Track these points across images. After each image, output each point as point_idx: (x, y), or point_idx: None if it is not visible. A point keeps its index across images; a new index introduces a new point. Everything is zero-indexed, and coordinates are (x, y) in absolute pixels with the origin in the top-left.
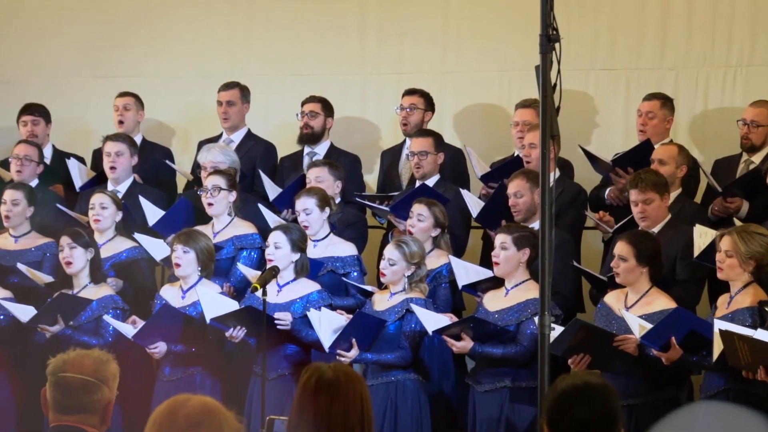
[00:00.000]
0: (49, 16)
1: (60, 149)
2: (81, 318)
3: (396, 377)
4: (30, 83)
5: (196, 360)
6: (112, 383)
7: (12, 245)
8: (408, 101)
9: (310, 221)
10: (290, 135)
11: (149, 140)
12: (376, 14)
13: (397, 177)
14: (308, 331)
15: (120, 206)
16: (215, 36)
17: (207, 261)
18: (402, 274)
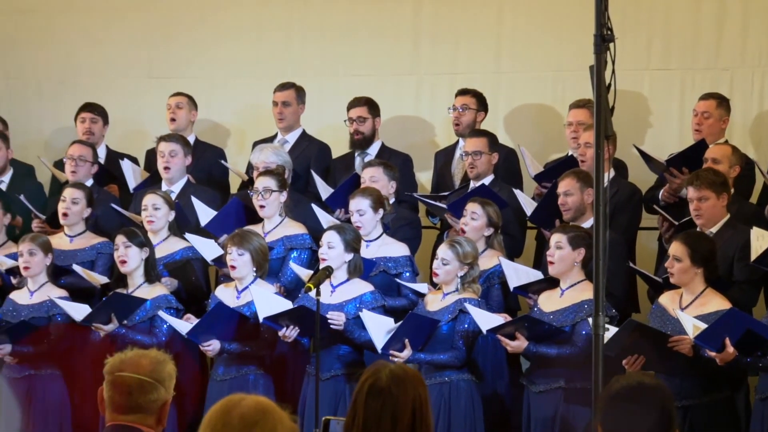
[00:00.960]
0: (105, 17)
1: (114, 150)
2: (135, 317)
3: (449, 377)
4: (85, 84)
5: (250, 359)
6: (169, 383)
7: (67, 245)
8: (460, 101)
9: (363, 222)
10: (344, 135)
11: (202, 140)
12: (430, 15)
13: (450, 177)
14: (361, 332)
15: (172, 206)
16: (270, 36)
17: (261, 261)
18: (455, 274)
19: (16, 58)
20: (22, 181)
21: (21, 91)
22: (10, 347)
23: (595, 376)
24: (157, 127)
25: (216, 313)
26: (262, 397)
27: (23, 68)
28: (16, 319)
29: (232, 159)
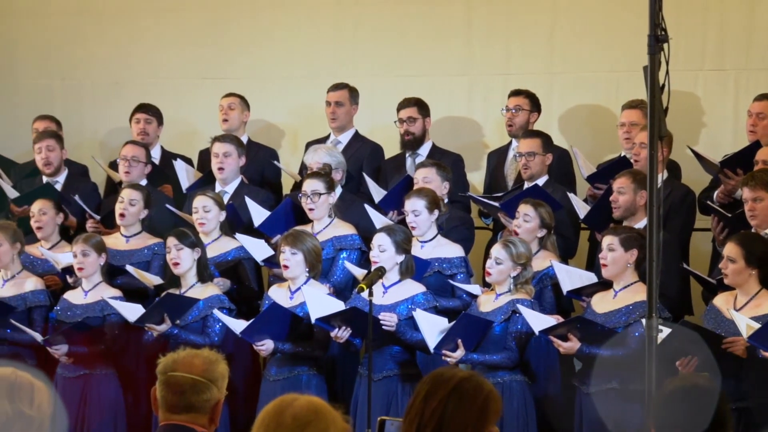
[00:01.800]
0: (158, 17)
1: (168, 150)
2: (188, 317)
3: (502, 378)
4: (139, 85)
5: (303, 360)
6: (221, 383)
7: (123, 245)
8: (513, 102)
9: (418, 222)
10: (396, 136)
11: (255, 141)
12: (483, 15)
13: (503, 178)
14: (413, 333)
15: (223, 207)
16: (322, 37)
17: (314, 262)
18: (507, 274)
19: (70, 59)
20: (76, 181)
21: (75, 91)
22: (66, 347)
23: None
24: (209, 128)
25: (270, 313)
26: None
27: (77, 69)
28: (70, 318)
29: (285, 159)
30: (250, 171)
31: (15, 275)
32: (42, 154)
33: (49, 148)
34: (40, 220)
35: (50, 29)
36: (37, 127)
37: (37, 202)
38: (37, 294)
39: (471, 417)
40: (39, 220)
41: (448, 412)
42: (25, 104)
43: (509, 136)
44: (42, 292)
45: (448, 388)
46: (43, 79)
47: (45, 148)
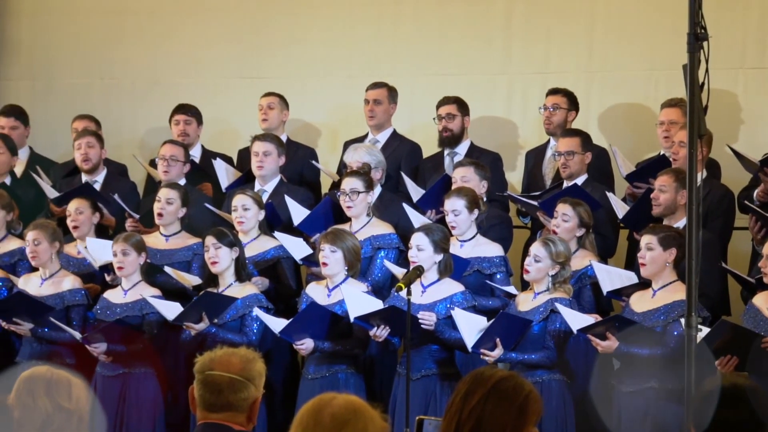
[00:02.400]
0: (197, 17)
1: (207, 149)
2: (226, 316)
3: (541, 377)
4: (179, 84)
5: (341, 359)
6: (259, 381)
7: (162, 244)
8: (551, 101)
9: (458, 222)
10: (434, 135)
11: (294, 140)
12: (522, 13)
13: (540, 177)
14: (451, 332)
15: (262, 206)
16: (361, 36)
17: (353, 260)
18: (546, 272)
19: (110, 58)
20: (115, 180)
21: (114, 91)
22: (105, 345)
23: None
24: (248, 127)
25: (309, 311)
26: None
27: (116, 68)
28: (109, 317)
29: (324, 158)
30: (289, 170)
31: (53, 274)
32: (81, 150)
33: (89, 145)
34: (76, 219)
35: (89, 28)
36: (76, 126)
37: (74, 201)
38: (75, 293)
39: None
40: (75, 219)
41: (486, 411)
42: (63, 104)
43: (547, 135)
44: (80, 291)
45: (486, 387)
46: (81, 78)
47: (85, 145)
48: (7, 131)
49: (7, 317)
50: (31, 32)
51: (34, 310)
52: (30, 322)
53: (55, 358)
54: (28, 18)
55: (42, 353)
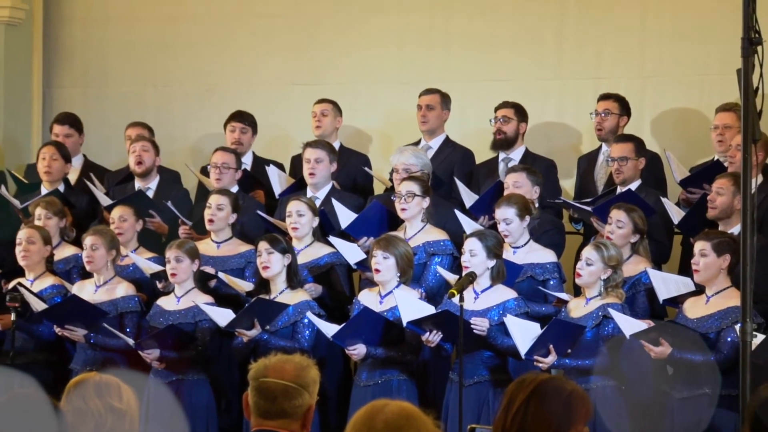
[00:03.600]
0: (250, 24)
1: (260, 156)
2: (278, 323)
3: (595, 384)
4: (230, 91)
5: (394, 365)
6: (313, 388)
7: (214, 251)
8: (603, 106)
9: (510, 231)
10: (486, 141)
11: (347, 146)
12: (575, 18)
13: (592, 182)
14: (504, 339)
15: (316, 212)
16: (413, 42)
17: (406, 267)
18: (598, 276)
19: (163, 65)
20: (168, 187)
21: (167, 98)
22: (158, 352)
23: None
24: (301, 133)
25: (362, 317)
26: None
27: (170, 76)
28: (162, 324)
29: (377, 165)
30: (342, 177)
31: (107, 281)
32: (136, 153)
33: (144, 149)
34: (120, 227)
35: (142, 36)
36: (129, 134)
37: (117, 208)
38: (128, 299)
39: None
40: (119, 227)
41: (528, 415)
42: (117, 112)
43: (599, 140)
44: (133, 298)
45: (527, 392)
46: (135, 86)
47: (140, 148)
48: (61, 139)
49: (62, 323)
50: (84, 40)
51: (89, 315)
52: (84, 328)
53: (108, 364)
54: (81, 25)
55: (96, 360)
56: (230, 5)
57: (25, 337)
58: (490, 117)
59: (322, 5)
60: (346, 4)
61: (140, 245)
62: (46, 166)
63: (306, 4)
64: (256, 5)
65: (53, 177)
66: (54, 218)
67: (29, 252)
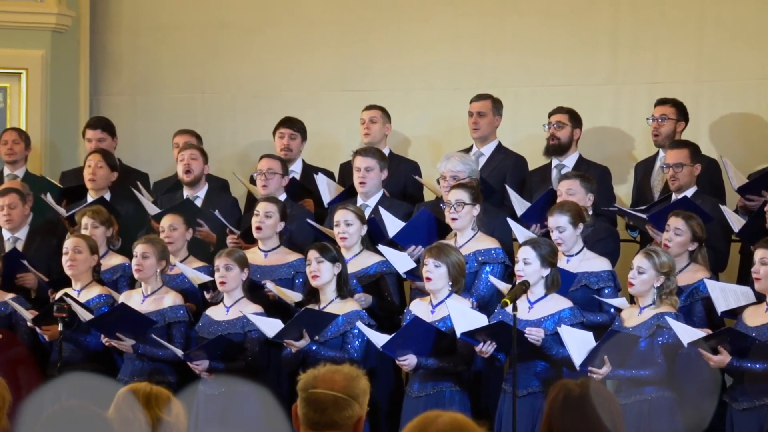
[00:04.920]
0: (299, 31)
1: (309, 163)
2: (327, 333)
3: (650, 395)
4: (279, 97)
5: (446, 375)
6: (363, 399)
7: (262, 260)
8: (659, 111)
9: (564, 239)
10: (539, 148)
11: (396, 153)
12: (629, 22)
13: (649, 189)
14: (559, 349)
15: (364, 220)
16: (465, 47)
17: (458, 276)
18: (651, 284)
19: (211, 72)
20: (217, 196)
21: (216, 105)
22: (207, 363)
23: None
24: (351, 140)
25: (412, 327)
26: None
27: (218, 82)
28: (212, 335)
29: (427, 172)
30: (391, 184)
31: (155, 291)
32: (184, 161)
33: (192, 157)
34: (170, 236)
35: (189, 43)
36: (177, 141)
37: (167, 217)
38: (176, 309)
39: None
40: (169, 236)
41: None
42: (164, 119)
43: (655, 146)
44: (181, 308)
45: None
46: (182, 93)
47: (188, 156)
48: (94, 144)
49: (110, 332)
50: (131, 47)
51: (137, 324)
52: (132, 338)
53: (156, 375)
54: (129, 33)
55: (144, 371)
56: (279, 11)
57: (72, 347)
58: (544, 123)
59: (373, 10)
60: (398, 9)
61: (190, 254)
62: (91, 173)
63: (356, 9)
64: (306, 10)
65: (98, 185)
66: (101, 227)
67: (76, 261)
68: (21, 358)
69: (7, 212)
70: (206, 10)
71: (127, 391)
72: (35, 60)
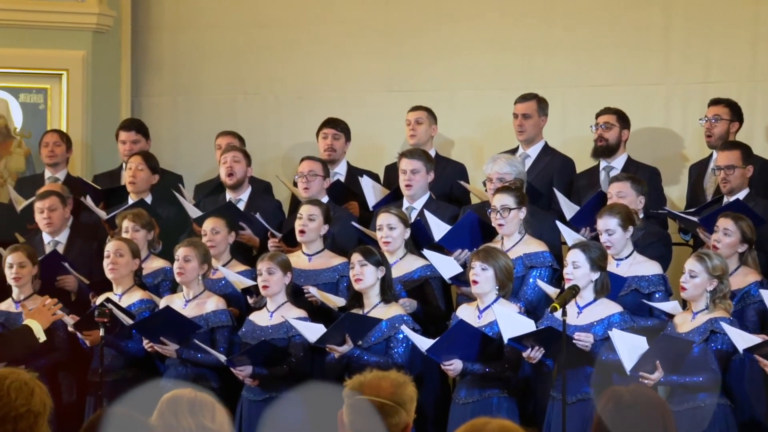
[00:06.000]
0: (343, 30)
1: (353, 165)
2: (371, 338)
3: (703, 402)
4: (323, 98)
5: (493, 382)
6: (410, 406)
7: (305, 264)
8: (712, 112)
9: (613, 242)
10: (587, 149)
11: (442, 155)
12: (681, 20)
13: (702, 192)
14: (608, 354)
15: (408, 224)
16: (511, 47)
17: (505, 280)
18: (703, 288)
19: (254, 72)
20: (259, 198)
21: (258, 106)
22: (250, 369)
23: None
24: (396, 142)
25: (457, 331)
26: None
27: (261, 83)
28: (255, 340)
29: (473, 174)
30: (437, 187)
31: (197, 296)
32: (227, 164)
33: (235, 159)
34: (212, 239)
35: (232, 43)
36: (220, 143)
37: (209, 220)
38: (219, 314)
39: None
40: (212, 239)
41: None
42: (207, 120)
43: (708, 148)
44: (224, 312)
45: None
46: (225, 94)
47: (231, 159)
48: (128, 146)
49: (153, 336)
50: (173, 48)
51: (181, 329)
52: (175, 343)
53: (200, 381)
54: (170, 34)
55: (187, 376)
56: (322, 9)
57: (114, 353)
58: (591, 124)
59: (417, 9)
60: (442, 8)
61: (233, 258)
62: (131, 176)
63: (400, 8)
64: (349, 9)
65: (138, 188)
66: (142, 230)
67: (117, 265)
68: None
69: (47, 215)
70: (249, 9)
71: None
72: (76, 61)
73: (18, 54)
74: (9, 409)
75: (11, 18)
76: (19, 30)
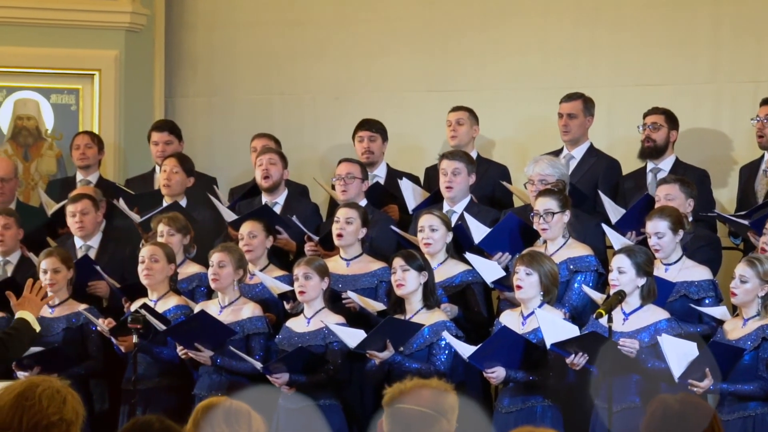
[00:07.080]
0: (381, 29)
1: (393, 168)
2: (412, 345)
3: (755, 411)
4: (360, 99)
5: (537, 389)
6: (451, 416)
7: (343, 269)
8: (765, 111)
9: (662, 245)
10: (633, 150)
11: (484, 157)
12: (732, 17)
13: (753, 194)
14: (654, 362)
15: (450, 227)
16: (556, 45)
17: (550, 285)
18: (755, 294)
19: (289, 73)
20: (296, 201)
21: (294, 107)
22: (287, 376)
23: None
24: (436, 143)
25: (500, 337)
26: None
27: (296, 83)
28: (293, 347)
29: (516, 176)
30: (479, 189)
31: (232, 302)
32: (263, 166)
33: (271, 161)
34: (249, 244)
35: (267, 42)
36: (255, 145)
37: (246, 224)
38: (255, 321)
39: None
40: (248, 244)
41: None
42: (242, 121)
43: (759, 149)
44: (260, 319)
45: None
46: (261, 94)
47: (267, 161)
48: (161, 147)
49: (188, 342)
50: (207, 47)
51: (216, 334)
52: (210, 349)
53: (235, 389)
54: (205, 33)
55: (221, 384)
56: (360, 8)
57: (148, 360)
58: (638, 124)
59: (458, 7)
60: (484, 6)
61: (270, 262)
62: (166, 178)
63: (441, 7)
64: (388, 8)
65: (173, 191)
66: (177, 234)
67: (152, 270)
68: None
69: (79, 219)
70: (284, 8)
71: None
72: (108, 61)
73: (49, 54)
74: (41, 417)
75: (42, 17)
76: (50, 29)
